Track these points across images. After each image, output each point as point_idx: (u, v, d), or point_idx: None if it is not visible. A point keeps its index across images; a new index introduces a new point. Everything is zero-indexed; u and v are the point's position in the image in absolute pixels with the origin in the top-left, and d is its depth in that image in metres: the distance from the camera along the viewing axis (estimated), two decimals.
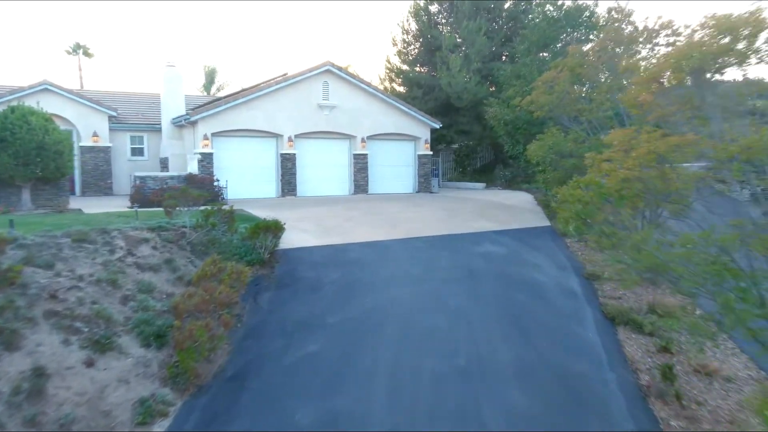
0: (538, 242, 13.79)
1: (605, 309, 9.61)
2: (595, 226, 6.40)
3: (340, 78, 21.62)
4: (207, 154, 19.19)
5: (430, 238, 13.49)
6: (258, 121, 20.11)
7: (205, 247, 10.78)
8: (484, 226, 15.12)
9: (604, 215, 6.29)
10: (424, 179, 24.17)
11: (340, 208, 17.40)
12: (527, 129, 15.90)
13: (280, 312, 9.30)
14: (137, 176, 17.34)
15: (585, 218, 6.36)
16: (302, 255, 11.78)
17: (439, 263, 11.59)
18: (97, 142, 21.53)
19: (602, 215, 6.27)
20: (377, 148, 23.10)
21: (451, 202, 19.85)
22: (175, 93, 21.30)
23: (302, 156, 21.28)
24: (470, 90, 24.49)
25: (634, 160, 5.85)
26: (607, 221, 6.34)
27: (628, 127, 10.41)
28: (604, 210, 6.24)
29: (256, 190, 20.47)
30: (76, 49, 49.70)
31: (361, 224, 14.65)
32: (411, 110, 23.26)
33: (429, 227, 14.58)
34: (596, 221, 6.37)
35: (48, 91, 20.50)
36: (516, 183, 24.32)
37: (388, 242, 12.90)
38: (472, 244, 13.18)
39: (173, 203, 10.27)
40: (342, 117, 21.83)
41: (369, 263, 11.42)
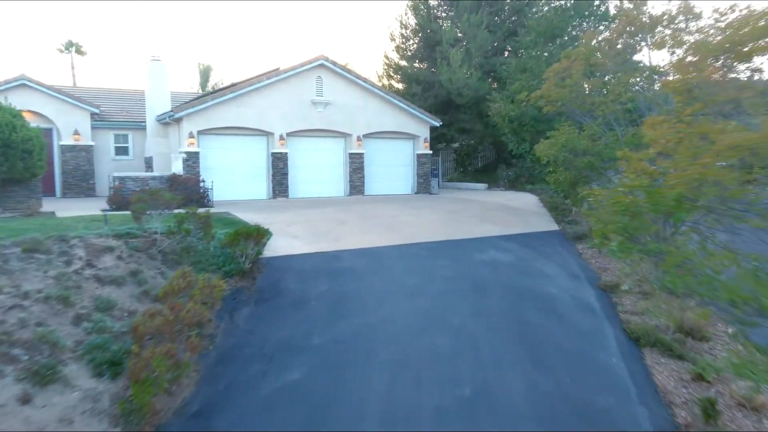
0: (547, 248, 12.69)
1: (628, 327, 8.50)
2: (650, 244, 5.26)
3: (334, 73, 20.50)
4: (193, 153, 18.06)
5: (430, 245, 12.38)
6: (247, 119, 18.98)
7: (178, 256, 9.67)
8: (487, 230, 14.02)
9: (655, 229, 5.17)
10: (424, 180, 23.05)
11: (334, 211, 16.29)
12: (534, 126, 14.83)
13: (259, 331, 8.19)
14: (116, 177, 16.22)
15: (632, 233, 5.22)
16: (288, 264, 10.67)
17: (439, 273, 10.49)
18: (78, 141, 20.40)
19: (654, 228, 5.15)
20: (374, 147, 21.98)
21: (452, 204, 18.74)
22: (161, 88, 20.17)
23: (294, 155, 20.16)
24: (471, 86, 23.37)
25: (714, 156, 4.73)
26: (659, 237, 5.22)
27: None
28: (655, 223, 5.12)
29: (245, 191, 19.35)
30: (69, 47, 48.65)
31: (354, 229, 13.54)
32: (410, 107, 22.14)
33: (428, 232, 13.48)
34: (641, 236, 5.23)
35: (25, 87, 19.37)
36: (519, 183, 23.22)
37: (383, 249, 11.80)
38: (476, 250, 12.07)
39: (141, 207, 9.16)
40: (337, 114, 20.71)
41: (362, 273, 10.31)
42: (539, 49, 17.16)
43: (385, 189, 22.34)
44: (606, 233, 5.34)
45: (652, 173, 5.34)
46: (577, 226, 14.35)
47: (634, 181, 5.14)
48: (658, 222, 5.17)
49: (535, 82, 15.10)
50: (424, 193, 22.81)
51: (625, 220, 5.01)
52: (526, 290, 9.89)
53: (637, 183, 5.11)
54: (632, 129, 10.67)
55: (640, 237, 5.26)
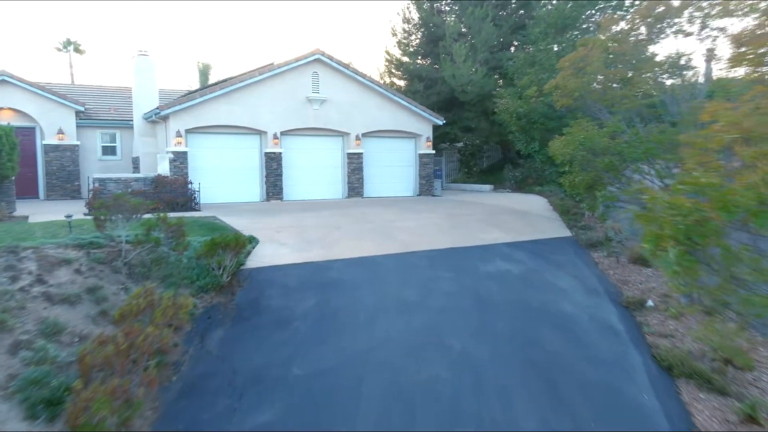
0: (560, 257, 11.57)
1: (657, 353, 7.37)
2: (726, 259, 4.12)
3: (331, 68, 19.41)
4: (180, 152, 17.01)
5: (430, 253, 11.28)
6: (239, 117, 17.92)
7: (146, 268, 8.61)
8: (494, 237, 12.90)
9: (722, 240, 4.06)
10: (426, 181, 21.94)
11: (328, 215, 15.21)
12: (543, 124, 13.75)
13: (232, 358, 7.11)
14: (95, 178, 15.18)
15: (696, 243, 4.10)
16: (273, 276, 9.59)
17: (440, 287, 9.39)
18: (62, 140, 19.39)
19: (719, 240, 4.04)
20: (374, 146, 20.89)
21: (456, 207, 17.63)
22: (148, 85, 19.13)
23: (289, 155, 19.09)
24: (476, 82, 22.24)
25: None
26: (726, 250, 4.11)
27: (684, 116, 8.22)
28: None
29: (237, 193, 18.29)
30: (67, 46, 47.81)
31: (349, 235, 12.46)
32: (411, 105, 21.04)
33: (429, 239, 12.38)
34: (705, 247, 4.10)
35: (6, 83, 18.37)
36: (527, 185, 22.08)
37: (379, 258, 10.71)
38: (481, 260, 10.96)
39: (103, 213, 8.10)
40: (334, 112, 19.63)
41: (353, 287, 9.23)
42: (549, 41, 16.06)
43: (385, 191, 21.25)
44: (658, 240, 4.19)
45: (717, 168, 4.24)
46: (591, 232, 13.23)
47: (700, 178, 4.01)
48: (730, 229, 4.07)
49: (545, 76, 13.98)
50: (427, 195, 21.71)
51: (687, 225, 3.90)
52: (538, 307, 8.78)
53: (704, 181, 3.99)
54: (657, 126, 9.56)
55: (702, 248, 4.13)
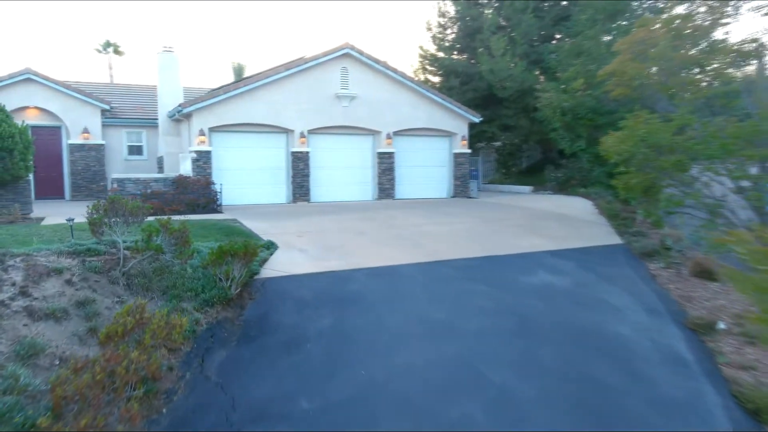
0: (612, 269, 10.29)
1: (738, 391, 6.09)
2: None
3: (361, 63, 18.45)
4: (203, 152, 16.33)
5: (464, 263, 10.17)
6: (264, 114, 17.14)
7: (147, 279, 7.77)
8: (535, 244, 11.70)
9: None
10: (461, 182, 20.75)
11: (354, 218, 14.24)
12: (591, 119, 12.47)
13: (232, 387, 6.17)
14: (114, 178, 14.63)
15: None
16: (288, 288, 8.65)
17: (474, 303, 8.27)
18: (87, 140, 19.00)
19: None
20: (405, 145, 19.84)
21: (493, 211, 16.43)
22: (172, 82, 18.54)
23: (317, 155, 18.22)
24: (516, 77, 20.94)
25: None
26: None
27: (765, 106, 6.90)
28: None
29: (262, 194, 17.52)
30: (106, 47, 48.54)
31: (374, 241, 11.46)
32: (446, 101, 19.90)
33: (462, 246, 11.28)
34: None
35: (31, 81, 18.08)
36: (570, 186, 20.66)
37: (405, 269, 9.66)
38: (521, 272, 9.80)
39: (97, 218, 7.29)
40: (364, 109, 18.67)
41: (375, 302, 8.21)
42: (598, 29, 14.69)
43: (417, 192, 20.17)
44: None
45: None
46: (645, 240, 11.86)
47: None
48: None
49: (593, 66, 12.70)
50: (462, 197, 20.53)
51: None
52: (589, 331, 7.57)
53: None
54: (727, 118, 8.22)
55: None
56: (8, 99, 17.71)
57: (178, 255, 7.53)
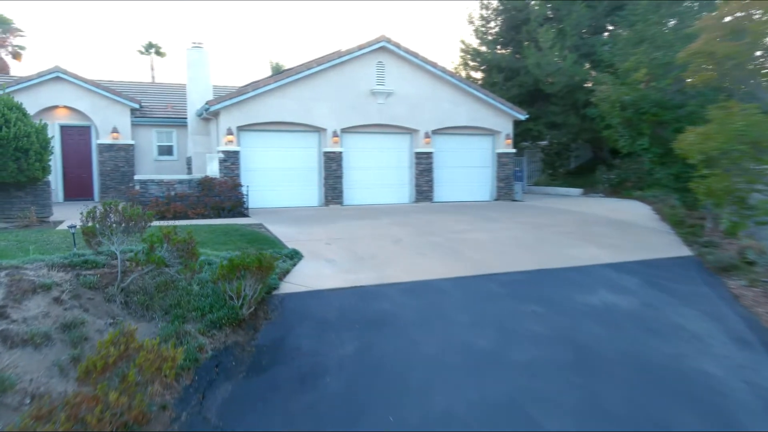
0: (684, 286, 8.87)
1: None
2: None
3: (398, 57, 17.36)
4: (231, 152, 15.54)
5: (510, 277, 8.94)
6: (294, 112, 16.25)
7: (147, 296, 6.86)
8: (591, 255, 10.35)
9: None
10: (505, 184, 19.40)
11: (389, 224, 13.15)
12: (656, 114, 11.01)
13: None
14: (137, 180, 13.97)
15: None
16: (310, 306, 7.62)
17: (524, 329, 7.05)
18: (116, 139, 18.53)
19: None
20: (445, 145, 18.64)
21: (540, 215, 15.07)
22: (202, 79, 17.83)
23: (350, 155, 17.22)
24: (565, 71, 19.45)
25: None
26: None
27: None
28: None
29: (292, 197, 16.64)
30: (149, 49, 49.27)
31: (409, 250, 10.33)
32: (488, 97, 18.59)
33: (508, 257, 10.04)
34: None
35: (60, 80, 17.70)
36: (624, 189, 19.09)
37: (443, 284, 8.50)
38: (578, 289, 8.50)
39: (91, 228, 6.42)
40: (400, 106, 17.56)
41: (408, 325, 7.08)
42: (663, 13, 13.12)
43: (457, 195, 18.93)
44: None
45: None
46: (719, 251, 10.35)
47: None
48: None
49: (658, 54, 11.23)
50: (506, 200, 19.17)
51: None
52: (665, 366, 6.25)
53: None
54: None
55: None
56: (37, 98, 17.42)
57: (181, 270, 6.58)
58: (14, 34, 41.23)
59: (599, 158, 23.54)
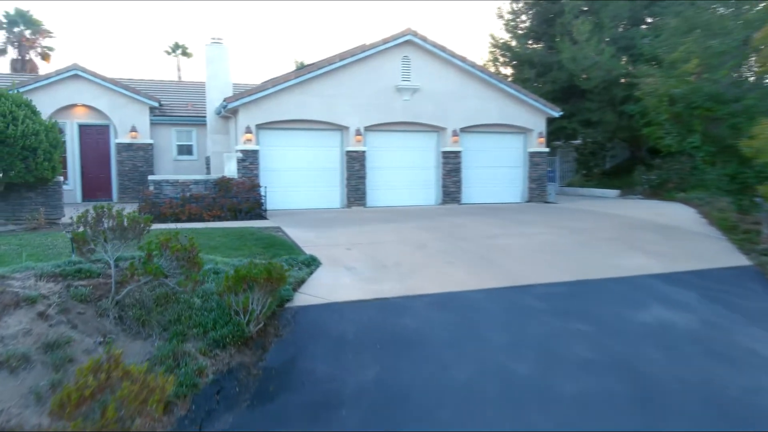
0: (748, 302, 7.85)
1: None
2: None
3: (424, 51, 16.52)
4: (250, 151, 14.91)
5: (550, 290, 8.03)
6: (316, 109, 15.54)
7: (144, 311, 6.15)
8: (639, 264, 9.37)
9: None
10: (537, 185, 18.38)
11: (414, 228, 12.33)
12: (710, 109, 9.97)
13: None
14: (151, 180, 13.41)
15: None
16: (326, 321, 6.85)
17: (569, 352, 6.15)
18: (135, 139, 18.09)
19: None
20: (474, 143, 17.73)
21: (577, 219, 14.06)
22: (221, 76, 17.24)
23: (374, 154, 16.44)
24: (602, 65, 18.35)
25: None
26: None
27: None
28: None
29: (313, 198, 15.93)
30: (175, 49, 49.48)
31: (436, 257, 9.49)
32: (520, 93, 17.63)
33: (546, 265, 9.12)
34: None
35: (78, 78, 17.32)
36: (665, 190, 17.90)
37: (474, 296, 7.64)
38: (627, 304, 7.55)
39: (81, 234, 5.74)
40: (427, 103, 16.72)
41: (437, 346, 6.25)
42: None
43: (487, 196, 17.99)
44: None
45: None
46: None
47: None
48: None
49: (714, 42, 10.17)
50: (538, 202, 18.16)
51: None
52: (743, 404, 5.29)
53: None
54: None
55: None
56: (56, 96, 17.08)
57: (181, 282, 5.86)
58: (43, 35, 41.56)
59: (636, 158, 22.32)
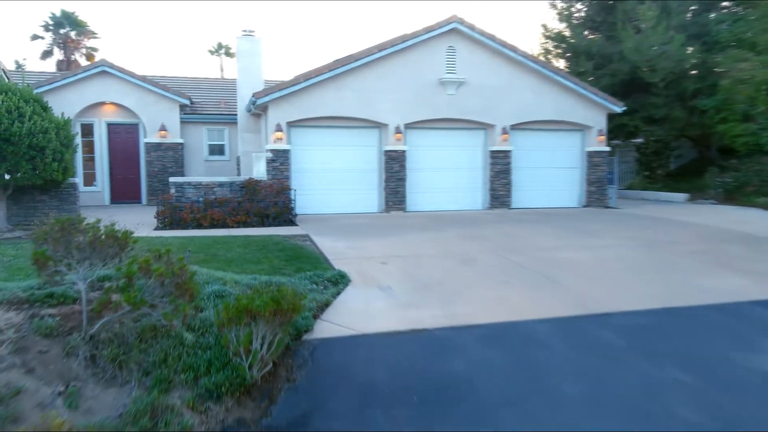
0: None
1: None
2: None
3: (472, 41, 15.04)
4: (280, 151, 13.77)
5: (629, 320, 6.47)
6: (351, 105, 14.29)
7: (124, 348, 4.93)
8: (733, 286, 7.68)
9: None
10: (597, 188, 16.61)
11: (459, 236, 10.89)
12: None
13: None
14: (173, 182, 12.39)
15: None
16: (351, 360, 5.50)
17: (668, 414, 4.60)
18: (164, 138, 17.25)
19: None
20: (525, 142, 16.13)
21: (648, 228, 12.31)
22: (253, 70, 16.13)
23: (414, 154, 15.06)
24: (670, 55, 16.43)
25: None
26: None
27: None
28: None
29: (347, 202, 14.68)
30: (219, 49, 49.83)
31: (486, 275, 8.04)
32: (578, 86, 15.94)
33: (620, 288, 7.53)
34: None
35: (106, 74, 16.61)
36: (743, 195, 15.87)
37: (537, 328, 6.15)
38: (730, 340, 5.94)
39: (40, 253, 4.58)
40: (474, 98, 15.23)
41: (492, 401, 4.81)
42: None
43: (539, 200, 16.35)
44: None
45: None
46: None
47: None
48: None
49: None
50: (598, 207, 16.40)
51: None
52: None
53: None
54: None
55: None
56: (84, 94, 16.44)
57: (166, 315, 4.62)
58: (88, 36, 41.96)
59: (705, 158, 20.21)
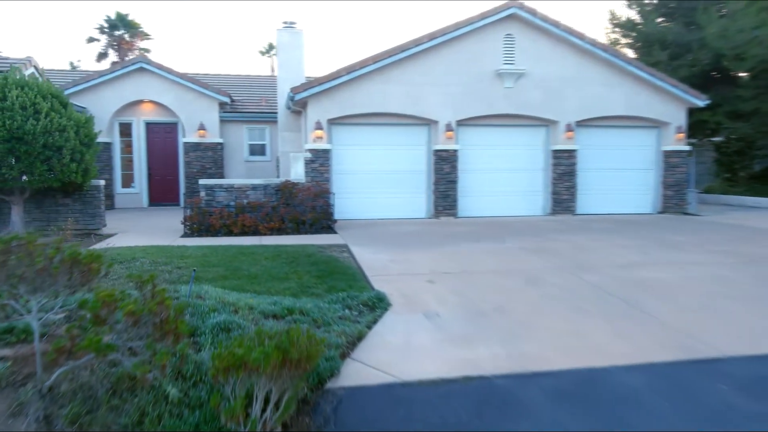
0: None
1: None
2: None
3: (533, 28, 13.55)
4: (320, 150, 12.69)
5: (753, 368, 4.91)
6: (398, 100, 13.08)
7: (89, 406, 3.81)
8: None
9: None
10: (675, 192, 14.75)
11: (520, 249, 9.44)
12: None
13: None
14: (203, 185, 11.49)
15: None
16: (387, 421, 4.20)
17: None
18: (203, 137, 16.52)
19: None
20: (592, 140, 14.49)
21: (744, 240, 10.51)
22: (294, 65, 15.12)
23: (468, 154, 13.71)
24: (763, 40, 14.38)
25: None
26: None
27: None
28: None
29: (392, 206, 13.46)
30: (269, 50, 50.23)
31: (556, 300, 6.60)
32: (656, 78, 14.19)
33: (730, 320, 5.95)
34: None
35: (144, 71, 16.04)
36: None
37: (629, 380, 4.67)
38: None
39: None
40: (534, 91, 13.73)
41: None
42: None
43: (608, 205, 14.66)
44: None
45: None
46: None
47: None
48: None
49: None
50: (676, 213, 14.55)
51: None
52: None
53: None
54: None
55: None
56: (122, 92, 15.91)
57: (136, 366, 3.48)
58: (141, 37, 42.49)
59: None
